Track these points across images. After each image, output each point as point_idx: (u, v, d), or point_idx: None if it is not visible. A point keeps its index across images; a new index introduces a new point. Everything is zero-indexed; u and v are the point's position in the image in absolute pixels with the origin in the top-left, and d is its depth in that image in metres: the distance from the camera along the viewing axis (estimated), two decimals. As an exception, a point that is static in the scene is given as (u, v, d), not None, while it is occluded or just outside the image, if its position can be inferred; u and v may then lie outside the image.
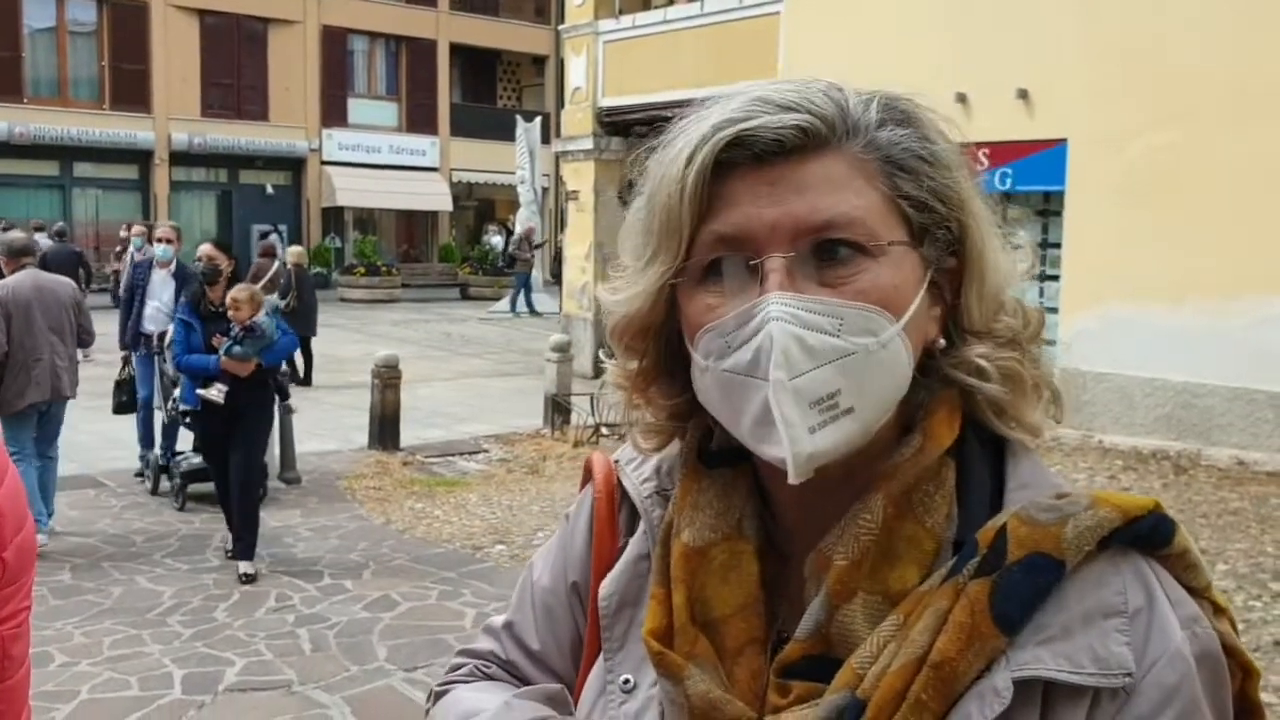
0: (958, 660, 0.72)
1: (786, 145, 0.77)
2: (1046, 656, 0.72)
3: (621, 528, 0.95)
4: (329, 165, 27.98)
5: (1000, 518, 0.77)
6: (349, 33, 28.51)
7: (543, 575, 1.01)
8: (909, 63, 9.06)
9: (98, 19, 25.37)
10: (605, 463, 0.99)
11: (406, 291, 25.41)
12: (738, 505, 0.85)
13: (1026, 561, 0.74)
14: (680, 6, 13.57)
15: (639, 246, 0.83)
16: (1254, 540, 6.24)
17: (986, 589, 0.73)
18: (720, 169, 0.78)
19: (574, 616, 0.98)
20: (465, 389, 12.98)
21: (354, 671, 4.66)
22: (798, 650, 0.79)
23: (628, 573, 0.90)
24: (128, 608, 5.40)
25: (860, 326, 0.76)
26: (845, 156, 0.78)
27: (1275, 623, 5.00)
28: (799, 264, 0.77)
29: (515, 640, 1.01)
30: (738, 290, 0.78)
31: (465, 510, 7.41)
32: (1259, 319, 8.02)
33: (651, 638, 0.83)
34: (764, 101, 0.78)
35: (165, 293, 7.88)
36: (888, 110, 0.81)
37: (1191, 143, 8.36)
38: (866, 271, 0.77)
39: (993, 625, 0.73)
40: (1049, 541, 0.74)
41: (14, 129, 23.81)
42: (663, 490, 0.91)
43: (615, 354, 0.90)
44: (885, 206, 0.78)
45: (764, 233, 0.77)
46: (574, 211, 14.81)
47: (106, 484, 7.98)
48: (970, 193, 0.82)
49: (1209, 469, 7.95)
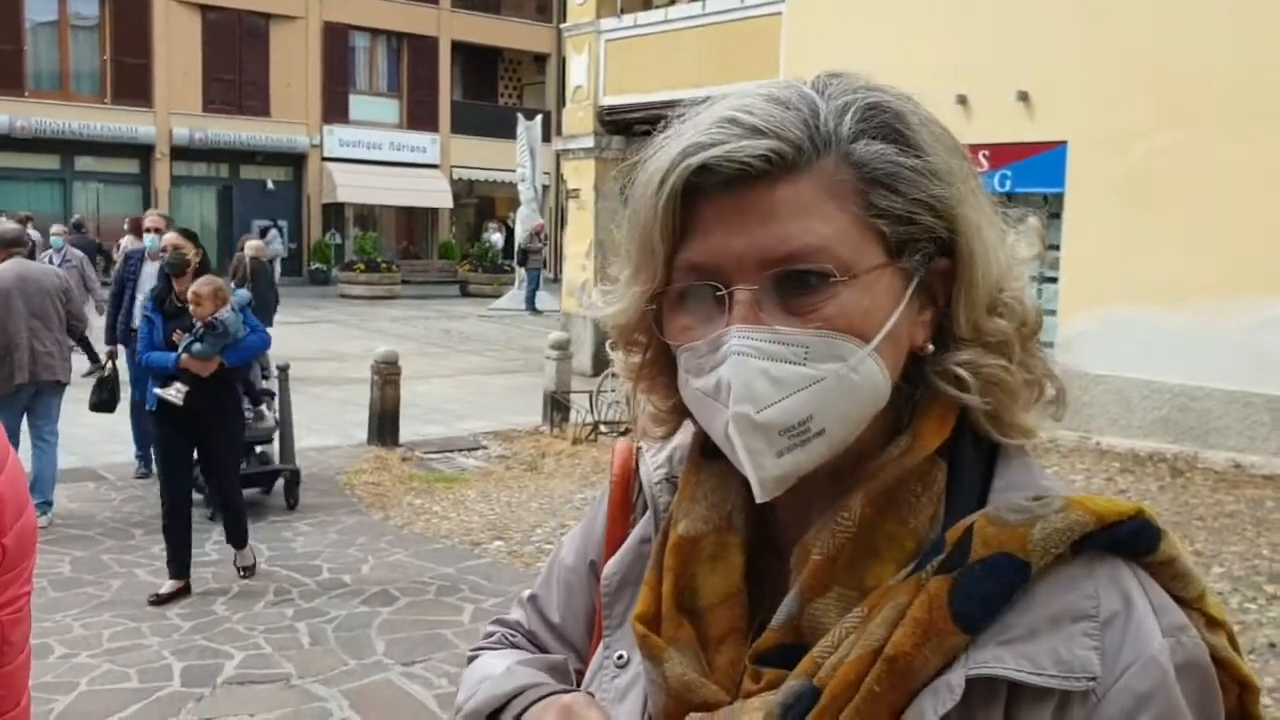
0: (913, 655, 0.72)
1: (753, 172, 0.76)
2: (1007, 656, 0.72)
3: (636, 509, 0.98)
4: (330, 161, 28.00)
5: (972, 517, 0.76)
6: (351, 29, 28.52)
7: (567, 554, 1.06)
8: (910, 64, 9.06)
9: (100, 13, 25.39)
10: (627, 449, 1.02)
11: (406, 288, 25.43)
12: (730, 498, 0.87)
13: (990, 561, 0.73)
14: (682, 6, 13.59)
15: (624, 260, 0.85)
16: (1250, 543, 6.26)
17: (947, 586, 0.73)
18: (691, 192, 0.77)
19: (590, 594, 1.02)
20: (465, 386, 13.00)
21: (352, 666, 4.68)
22: (772, 639, 0.81)
23: (631, 553, 0.93)
24: (127, 600, 5.42)
25: (827, 353, 0.76)
26: (816, 177, 0.77)
27: (1270, 625, 5.02)
28: (765, 294, 0.77)
29: (538, 612, 1.07)
30: (705, 319, 0.79)
31: (464, 506, 7.42)
32: (1257, 322, 8.04)
33: (639, 621, 0.86)
34: (732, 123, 0.77)
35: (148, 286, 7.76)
36: (867, 119, 0.78)
37: (1191, 146, 8.38)
38: (835, 298, 0.76)
39: (951, 622, 0.72)
40: (1015, 542, 0.74)
41: (15, 122, 23.83)
42: (672, 478, 0.94)
43: (618, 349, 0.93)
44: (857, 229, 0.77)
45: (731, 264, 0.77)
46: (574, 210, 14.82)
47: (106, 477, 8.00)
48: (961, 196, 0.79)
49: (1206, 471, 7.97)
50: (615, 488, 1.00)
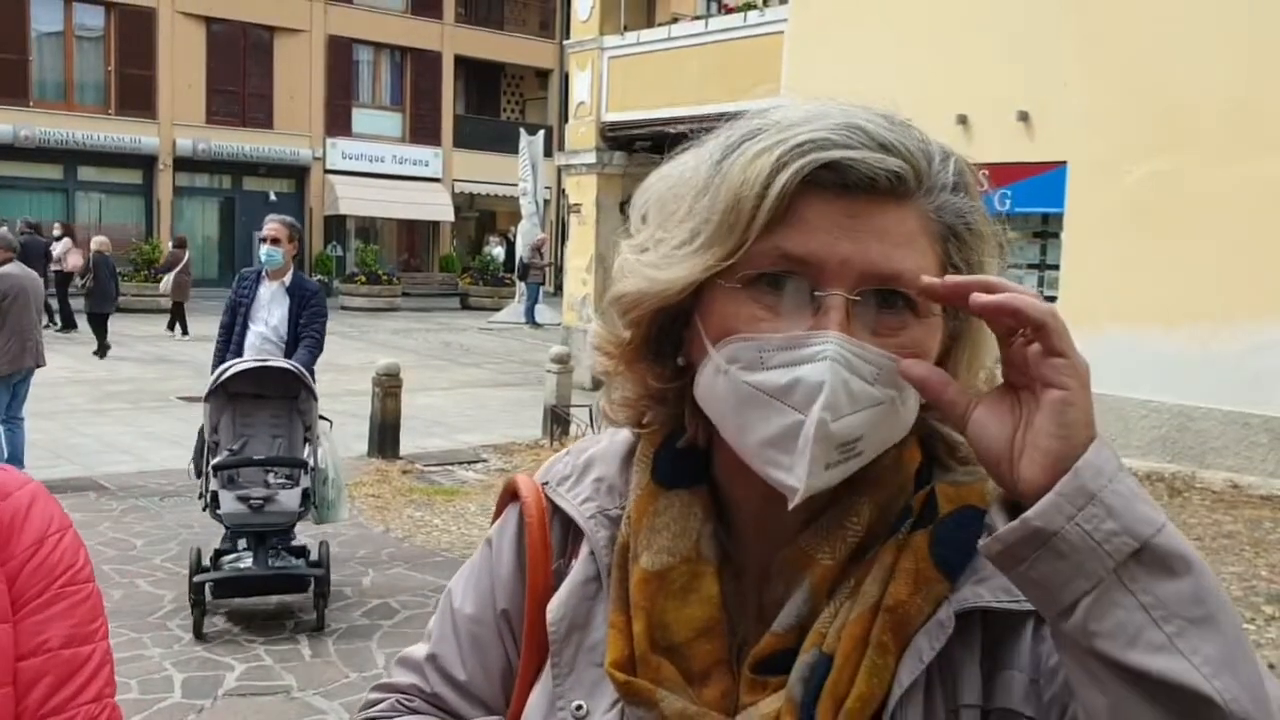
0: (909, 602, 0.79)
1: (878, 186, 0.76)
2: (984, 592, 0.79)
3: (554, 549, 0.93)
4: (332, 174, 28.09)
5: (929, 486, 0.84)
6: (355, 43, 28.66)
7: (465, 603, 0.97)
8: (912, 84, 9.12)
9: (105, 24, 25.51)
10: (533, 485, 0.96)
11: (407, 300, 25.46)
12: (695, 526, 0.85)
13: (957, 514, 0.82)
14: (685, 24, 13.70)
15: (690, 229, 0.80)
16: (1248, 563, 6.28)
17: (926, 539, 0.81)
18: (800, 184, 0.77)
19: (503, 644, 0.95)
20: (465, 398, 13.03)
21: (353, 678, 4.70)
22: (773, 643, 0.81)
23: (576, 595, 0.89)
24: (129, 611, 5.42)
25: (890, 379, 0.76)
26: (919, 211, 0.79)
27: (1269, 645, 5.04)
28: (859, 307, 0.76)
29: (440, 672, 0.97)
30: (791, 313, 0.77)
31: (464, 519, 7.44)
32: (1253, 344, 8.09)
33: (615, 669, 0.83)
34: (861, 132, 0.77)
35: (276, 312, 5.90)
36: (960, 174, 0.81)
37: (1189, 169, 8.43)
38: (911, 329, 0.78)
39: (935, 570, 0.80)
40: (974, 495, 0.83)
41: (19, 131, 23.91)
42: (604, 510, 0.90)
43: (609, 319, 0.87)
44: (938, 271, 0.79)
45: (834, 266, 0.76)
46: (576, 224, 14.88)
47: (107, 487, 8.01)
48: (994, 270, 0.82)
49: (1203, 491, 8.00)
50: (531, 525, 0.94)
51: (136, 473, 8.47)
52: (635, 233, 0.86)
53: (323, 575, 5.29)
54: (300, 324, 5.88)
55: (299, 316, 5.86)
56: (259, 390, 5.52)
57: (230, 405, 5.49)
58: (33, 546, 1.21)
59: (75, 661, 1.21)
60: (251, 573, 5.21)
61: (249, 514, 5.18)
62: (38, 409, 8.74)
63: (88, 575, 1.26)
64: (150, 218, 26.10)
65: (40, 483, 1.29)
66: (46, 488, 1.30)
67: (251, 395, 5.52)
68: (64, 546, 1.24)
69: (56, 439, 9.43)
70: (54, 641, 1.20)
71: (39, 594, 1.21)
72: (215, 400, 5.43)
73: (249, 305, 5.88)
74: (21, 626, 1.19)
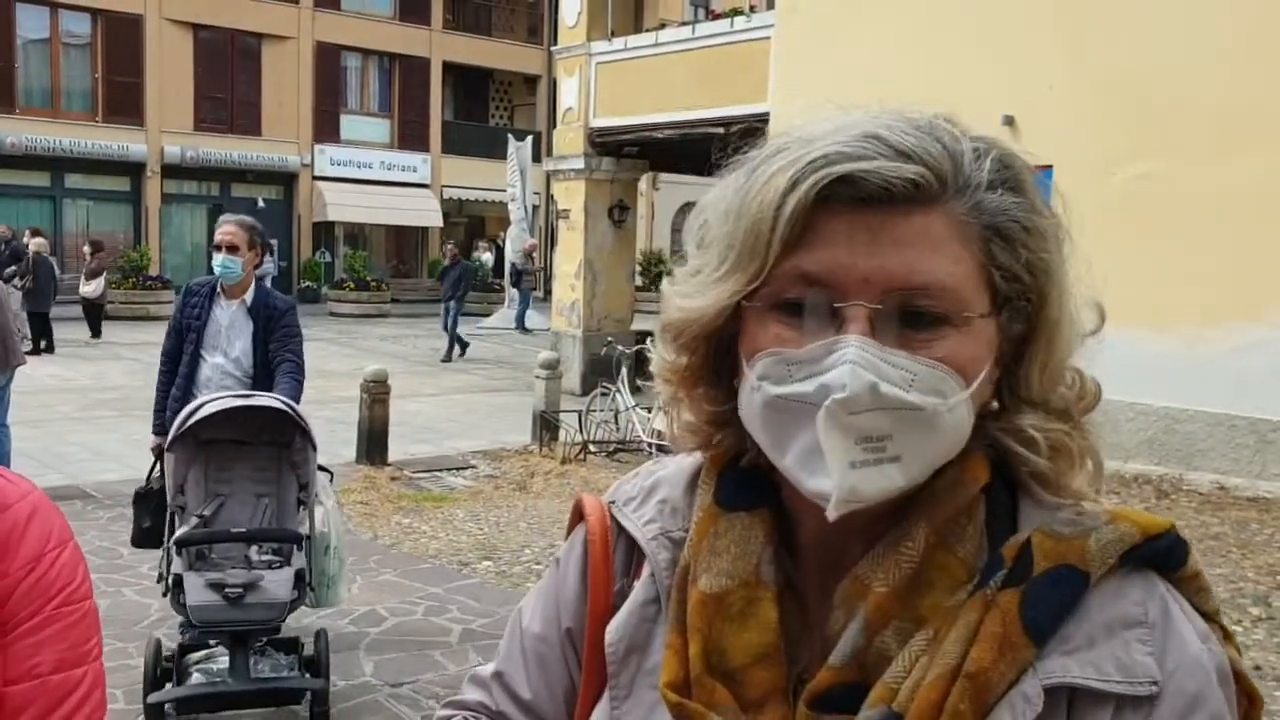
0: (991, 670, 0.74)
1: (895, 195, 0.74)
2: (1073, 665, 0.74)
3: (616, 570, 0.93)
4: (320, 180, 28.04)
5: (1022, 534, 0.78)
6: (342, 49, 28.62)
7: (533, 622, 0.97)
8: (897, 88, 9.04)
9: (92, 31, 25.43)
10: (598, 504, 0.96)
11: (396, 306, 25.46)
12: (755, 549, 0.83)
13: (1053, 573, 0.76)
14: (672, 30, 13.72)
15: (719, 255, 0.80)
16: (1235, 565, 6.31)
17: (1016, 599, 0.75)
18: (817, 200, 0.75)
19: (567, 664, 0.95)
20: (454, 405, 13.00)
21: (341, 686, 4.67)
22: (830, 678, 0.78)
23: (635, 616, 0.88)
24: (115, 619, 5.39)
25: (932, 386, 0.74)
26: (949, 215, 0.76)
27: (1255, 648, 5.06)
28: (882, 318, 0.75)
29: (506, 690, 0.97)
30: (814, 329, 0.76)
31: (453, 526, 7.42)
32: (1240, 346, 8.12)
33: (669, 689, 0.81)
34: (878, 141, 0.75)
35: (239, 341, 4.76)
36: (1000, 170, 0.78)
37: (1173, 172, 8.48)
38: (947, 339, 0.75)
39: (1023, 635, 0.74)
40: (1074, 554, 0.76)
41: (6, 139, 23.82)
42: (667, 532, 0.89)
43: (664, 347, 0.87)
44: (977, 275, 0.76)
45: (854, 282, 0.75)
46: (564, 230, 14.88)
47: (94, 495, 7.98)
48: (1058, 264, 0.81)
49: (1190, 493, 8.03)
50: (594, 545, 0.93)
51: (123, 480, 8.42)
52: (688, 258, 0.85)
53: (322, 688, 3.98)
54: (270, 349, 4.72)
55: (267, 342, 4.71)
56: (240, 436, 4.22)
57: (201, 455, 4.20)
58: (29, 565, 1.15)
59: (66, 686, 1.17)
60: (227, 689, 3.95)
61: (224, 608, 3.83)
62: (25, 416, 8.70)
63: (85, 592, 1.21)
64: (138, 225, 26.02)
65: (43, 492, 1.24)
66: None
67: (230, 442, 4.22)
68: (62, 563, 1.18)
69: (44, 447, 9.37)
70: (44, 666, 1.15)
71: (32, 615, 1.15)
72: (181, 449, 4.12)
73: (201, 330, 4.74)
74: (12, 650, 1.14)
